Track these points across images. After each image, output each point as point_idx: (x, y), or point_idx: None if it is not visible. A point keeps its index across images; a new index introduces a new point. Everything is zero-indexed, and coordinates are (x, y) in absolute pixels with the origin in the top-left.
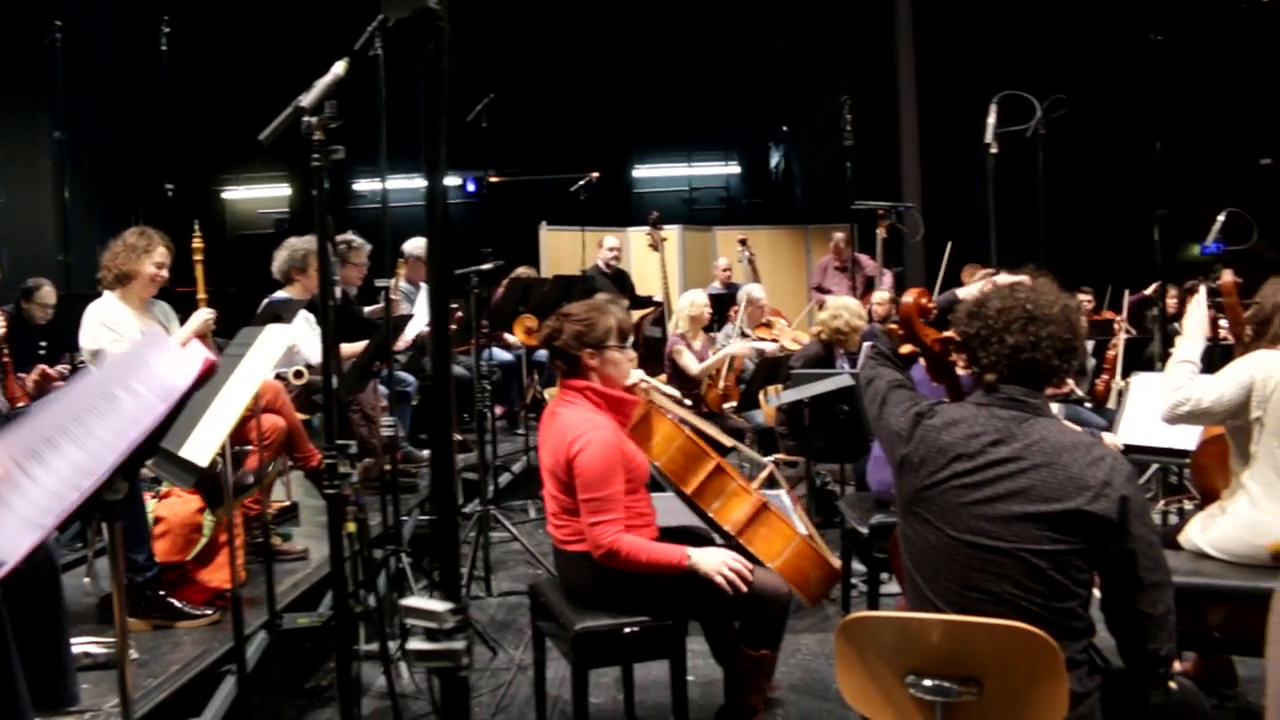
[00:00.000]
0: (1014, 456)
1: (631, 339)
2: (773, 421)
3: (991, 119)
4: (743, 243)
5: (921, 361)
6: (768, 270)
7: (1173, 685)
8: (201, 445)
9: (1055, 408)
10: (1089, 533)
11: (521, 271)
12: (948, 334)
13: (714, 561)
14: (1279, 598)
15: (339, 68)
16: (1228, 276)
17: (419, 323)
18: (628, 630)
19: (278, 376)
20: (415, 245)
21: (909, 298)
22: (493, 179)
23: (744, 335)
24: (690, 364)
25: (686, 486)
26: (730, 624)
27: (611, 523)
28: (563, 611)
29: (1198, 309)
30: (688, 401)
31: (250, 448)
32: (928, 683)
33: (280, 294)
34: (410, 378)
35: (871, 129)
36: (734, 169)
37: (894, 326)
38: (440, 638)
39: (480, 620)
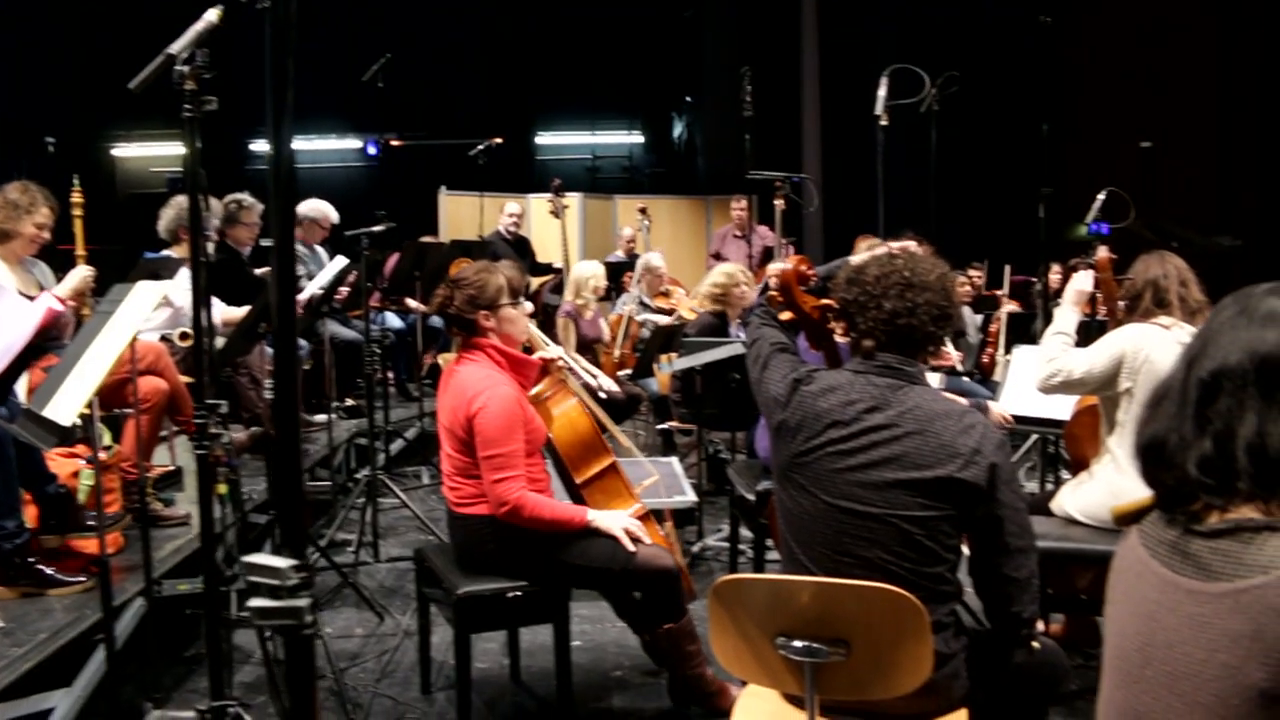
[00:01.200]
0: (888, 424)
1: (524, 295)
2: (667, 389)
3: (882, 91)
4: (643, 211)
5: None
6: (669, 239)
7: (1036, 645)
8: (66, 405)
9: (936, 379)
10: (959, 499)
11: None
12: (826, 301)
13: (613, 520)
14: (1118, 559)
15: (211, 15)
16: (1103, 253)
17: (313, 286)
18: (510, 595)
19: (162, 338)
20: (310, 206)
21: (789, 264)
22: (393, 142)
23: (642, 304)
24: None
25: (578, 475)
26: (621, 596)
27: (514, 479)
28: (447, 576)
29: (1080, 282)
30: (603, 395)
31: (129, 411)
32: (797, 644)
33: (163, 252)
34: (302, 341)
35: (774, 100)
36: (637, 138)
37: (774, 294)
38: (284, 595)
39: (368, 586)
